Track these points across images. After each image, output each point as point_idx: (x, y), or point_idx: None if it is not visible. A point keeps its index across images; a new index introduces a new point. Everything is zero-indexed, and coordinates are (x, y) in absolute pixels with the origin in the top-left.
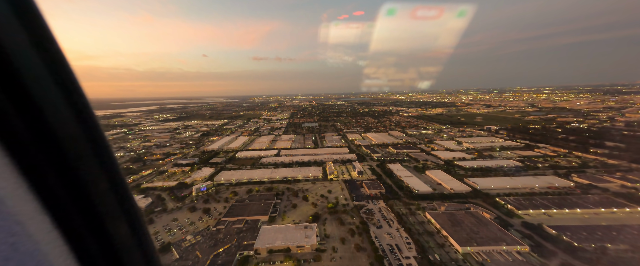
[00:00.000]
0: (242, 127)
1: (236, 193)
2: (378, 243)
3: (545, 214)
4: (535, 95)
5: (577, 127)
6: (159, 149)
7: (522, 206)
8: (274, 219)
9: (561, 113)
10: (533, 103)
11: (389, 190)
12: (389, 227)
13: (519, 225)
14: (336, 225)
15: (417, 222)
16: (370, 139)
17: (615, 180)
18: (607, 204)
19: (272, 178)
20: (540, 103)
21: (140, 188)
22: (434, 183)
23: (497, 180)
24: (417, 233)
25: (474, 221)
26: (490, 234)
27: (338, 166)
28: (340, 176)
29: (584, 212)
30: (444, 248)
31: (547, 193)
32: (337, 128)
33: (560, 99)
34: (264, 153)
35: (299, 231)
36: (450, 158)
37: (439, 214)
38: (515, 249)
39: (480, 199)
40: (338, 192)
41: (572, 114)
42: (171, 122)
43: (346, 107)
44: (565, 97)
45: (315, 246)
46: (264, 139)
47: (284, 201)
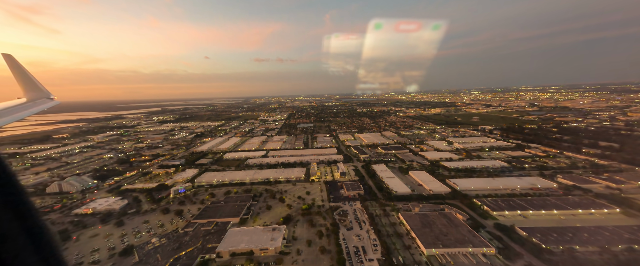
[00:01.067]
0: (237, 128)
1: (213, 195)
2: (344, 245)
3: (521, 215)
4: (539, 94)
5: (574, 127)
6: (149, 150)
7: (498, 207)
8: (245, 221)
9: (561, 113)
10: (534, 103)
11: (369, 191)
12: (359, 229)
13: (492, 227)
14: (307, 227)
15: (390, 224)
16: (362, 140)
17: (601, 181)
18: (586, 205)
19: (254, 179)
20: (542, 103)
21: (120, 190)
22: (415, 184)
23: (479, 181)
24: (387, 234)
25: (446, 223)
26: (459, 236)
27: (323, 167)
28: (322, 177)
29: (561, 213)
30: (410, 250)
31: (527, 194)
32: (331, 129)
33: (565, 98)
34: (252, 154)
35: (266, 234)
36: (436, 159)
37: (411, 216)
38: (481, 251)
39: (458, 200)
40: (317, 193)
41: (572, 114)
42: (169, 124)
43: (345, 108)
44: (569, 97)
45: (280, 249)
46: (256, 140)
47: (260, 203)
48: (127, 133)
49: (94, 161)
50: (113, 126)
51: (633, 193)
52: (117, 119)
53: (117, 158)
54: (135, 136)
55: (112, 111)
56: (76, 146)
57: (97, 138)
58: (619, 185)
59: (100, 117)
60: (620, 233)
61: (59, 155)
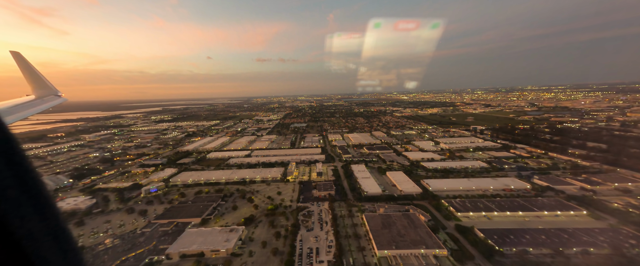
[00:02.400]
0: (230, 128)
1: (184, 194)
2: (299, 247)
3: (485, 216)
4: (543, 94)
5: (567, 128)
6: (136, 149)
7: (464, 208)
8: (207, 221)
9: (559, 113)
10: (534, 103)
11: (341, 192)
12: (320, 230)
13: (452, 228)
14: (267, 228)
15: (352, 225)
16: (350, 140)
17: (577, 182)
18: (553, 207)
19: (229, 179)
20: (544, 103)
21: (93, 189)
22: (389, 185)
23: (453, 181)
24: (346, 235)
25: (406, 224)
26: (416, 237)
27: (302, 167)
28: (299, 178)
29: (526, 215)
30: (364, 252)
31: (497, 195)
32: (323, 129)
33: (568, 98)
34: (235, 154)
35: (222, 235)
36: (418, 159)
37: (374, 217)
38: (433, 253)
39: (428, 200)
40: (289, 194)
41: (569, 114)
42: (164, 123)
43: (343, 108)
44: (573, 97)
45: (231, 251)
46: (244, 139)
47: (228, 203)
48: (120, 132)
49: (78, 160)
50: (109, 125)
51: (606, 194)
52: (117, 118)
53: (102, 157)
54: (127, 136)
55: (114, 111)
56: (66, 145)
57: (89, 137)
58: (593, 187)
59: (100, 117)
60: (580, 235)
61: (46, 154)
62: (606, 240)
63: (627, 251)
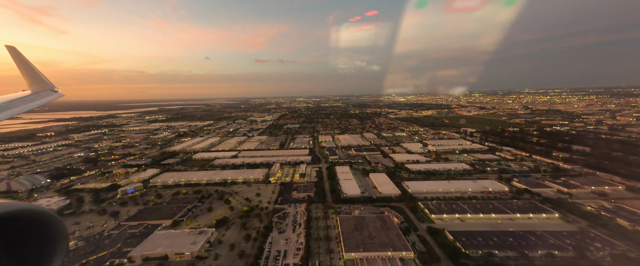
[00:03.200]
0: (222, 128)
1: (160, 196)
2: (268, 250)
3: (459, 218)
4: (539, 97)
5: (555, 131)
6: (123, 149)
7: (439, 210)
8: (178, 223)
9: (550, 116)
10: (528, 106)
11: (321, 193)
12: (292, 232)
13: (424, 230)
14: (238, 230)
15: (325, 226)
16: (340, 141)
17: (555, 185)
18: (526, 209)
19: (211, 180)
20: (537, 106)
21: (69, 189)
22: (369, 186)
23: (433, 183)
24: (317, 238)
25: (379, 226)
26: (386, 239)
27: (287, 168)
28: (282, 179)
29: (499, 217)
30: (332, 254)
31: (475, 197)
32: (315, 130)
33: (563, 101)
34: (222, 155)
35: (191, 237)
36: (403, 161)
37: (348, 219)
38: (400, 255)
39: (405, 202)
40: (268, 195)
41: (560, 117)
42: (158, 123)
43: (339, 109)
44: (567, 100)
45: (196, 254)
46: (234, 140)
47: (204, 204)
48: (110, 132)
49: (61, 160)
50: (101, 125)
51: (582, 197)
52: (110, 118)
53: (86, 157)
54: (117, 135)
55: (110, 110)
56: (52, 145)
57: (77, 137)
58: (570, 190)
59: (94, 116)
60: (547, 238)
61: (30, 153)
62: (572, 243)
63: (590, 254)
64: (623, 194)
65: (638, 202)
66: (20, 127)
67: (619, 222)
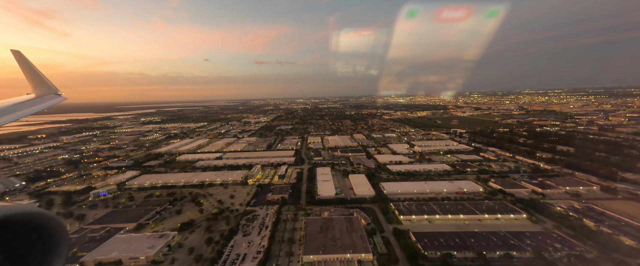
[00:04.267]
0: (215, 130)
1: (133, 198)
2: (227, 253)
3: (427, 219)
4: (537, 98)
5: (544, 131)
6: (110, 151)
7: (409, 211)
8: (143, 226)
9: (543, 117)
10: (524, 107)
11: (296, 194)
12: (257, 235)
13: (390, 231)
14: (202, 233)
15: (292, 229)
16: (329, 142)
17: (530, 186)
18: (495, 210)
19: (188, 182)
20: (534, 106)
21: (42, 192)
22: (347, 188)
23: (410, 184)
24: (281, 240)
25: (345, 228)
26: (348, 241)
27: (268, 169)
28: (261, 180)
29: (467, 218)
30: (292, 257)
31: (448, 198)
32: (307, 131)
33: (560, 101)
34: (206, 156)
35: (150, 241)
36: (386, 161)
37: (315, 221)
38: (359, 257)
39: (378, 203)
40: (242, 197)
41: (553, 118)
42: (151, 125)
43: (335, 110)
44: (565, 100)
45: (152, 258)
46: (222, 141)
47: (176, 207)
48: (101, 134)
49: (44, 162)
50: (95, 127)
51: (555, 198)
52: (106, 120)
53: (68, 159)
54: (107, 137)
55: (109, 112)
56: (39, 147)
57: (66, 139)
58: (544, 190)
59: (90, 118)
60: (508, 239)
61: (14, 155)
62: (532, 244)
63: (548, 255)
64: (596, 195)
65: (609, 202)
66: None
67: (585, 222)
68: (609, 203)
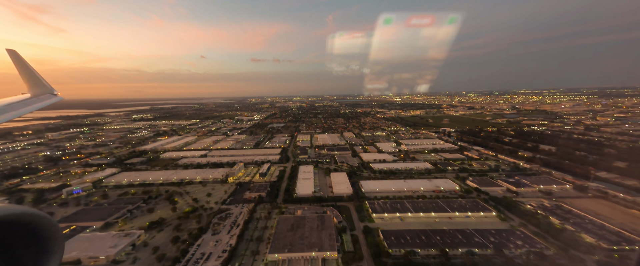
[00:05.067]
0: (205, 127)
1: (107, 196)
2: (193, 252)
3: (399, 217)
4: (531, 98)
5: (531, 131)
6: (94, 148)
7: (383, 209)
8: (111, 225)
9: (533, 116)
10: (516, 106)
11: (275, 193)
12: (226, 233)
13: (360, 229)
14: (170, 232)
15: (264, 227)
16: (318, 140)
17: (506, 184)
18: (466, 208)
19: (167, 180)
20: (526, 106)
21: (15, 190)
22: (326, 186)
23: (389, 183)
24: (250, 239)
25: (316, 226)
26: (316, 240)
27: (251, 167)
28: (242, 178)
29: (438, 216)
30: (257, 255)
31: (423, 196)
32: (298, 129)
33: (553, 101)
34: (191, 154)
35: (114, 240)
36: (370, 160)
37: (287, 219)
38: (323, 255)
39: (354, 202)
40: (219, 195)
41: (542, 117)
42: (142, 122)
43: (331, 109)
44: (558, 100)
45: (112, 258)
46: (210, 139)
47: (150, 205)
48: (89, 131)
49: (24, 159)
50: (84, 124)
51: (528, 196)
52: (98, 116)
53: (48, 156)
54: (94, 134)
55: (102, 109)
56: (22, 143)
57: (52, 135)
58: (518, 188)
59: (81, 115)
60: (473, 236)
61: None
62: (495, 241)
63: (508, 252)
64: (568, 193)
65: (579, 201)
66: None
67: (551, 220)
68: (579, 201)
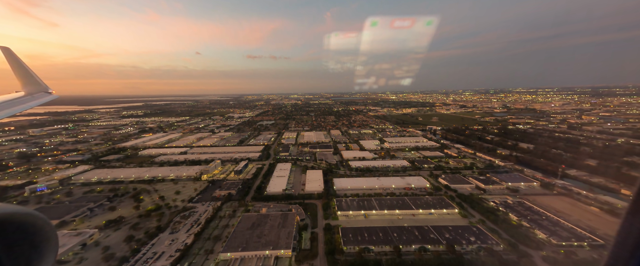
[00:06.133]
0: (194, 124)
1: (71, 194)
2: (144, 251)
3: (363, 215)
4: (525, 96)
5: (515, 129)
6: (73, 145)
7: (349, 207)
8: (67, 224)
9: (521, 115)
10: (508, 105)
11: (246, 191)
12: (185, 232)
13: (322, 227)
14: (126, 231)
15: (225, 225)
16: (303, 138)
17: (476, 182)
18: (431, 206)
19: (139, 177)
20: (517, 105)
21: None
22: (300, 183)
23: (361, 180)
24: (208, 237)
25: (277, 224)
26: (274, 238)
27: (229, 164)
28: (217, 176)
29: (402, 213)
30: (211, 255)
31: (393, 194)
32: (287, 127)
33: (545, 100)
34: (171, 151)
35: (64, 239)
36: (350, 158)
37: (249, 217)
38: (277, 253)
39: (322, 199)
40: (188, 193)
41: (529, 116)
42: (131, 119)
43: (324, 106)
44: (550, 99)
45: (57, 257)
46: (194, 136)
47: (114, 203)
48: (72, 128)
49: None
50: (70, 120)
51: (494, 193)
52: (87, 113)
53: (22, 153)
54: (77, 131)
55: (95, 105)
56: (1, 140)
57: (33, 132)
58: (487, 186)
59: (70, 111)
60: (429, 232)
61: None
62: (449, 237)
63: (460, 248)
64: (535, 191)
65: (542, 198)
66: None
67: (509, 217)
68: (543, 198)
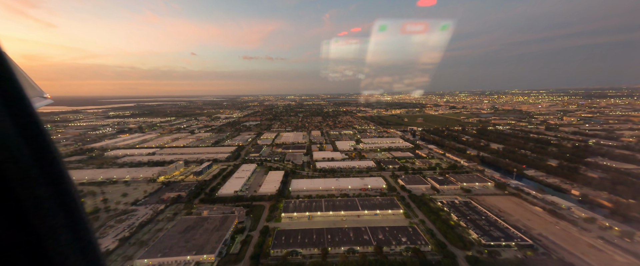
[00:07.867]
0: (176, 124)
1: None
2: None
3: (308, 216)
4: (517, 98)
5: (494, 130)
6: None
7: (296, 208)
8: None
9: (505, 116)
10: (496, 106)
11: (198, 192)
12: (112, 237)
13: (259, 229)
14: None
15: (159, 229)
16: (282, 138)
17: (433, 182)
18: (378, 206)
19: (93, 179)
20: (506, 106)
21: None
22: (257, 185)
23: (319, 181)
24: (134, 243)
25: (212, 227)
26: (203, 242)
27: (193, 165)
28: (176, 177)
29: (346, 214)
30: (129, 261)
31: (346, 195)
32: (269, 127)
33: (535, 102)
34: (139, 151)
35: None
36: (319, 158)
37: (186, 220)
38: (199, 258)
39: (272, 200)
40: (137, 195)
41: (512, 117)
42: (116, 119)
43: (316, 107)
44: (539, 100)
45: None
46: (170, 137)
47: None
48: (49, 128)
49: None
50: (52, 121)
51: (447, 194)
52: (72, 114)
53: None
54: (53, 131)
55: (87, 106)
56: None
57: None
58: (442, 186)
59: (56, 112)
60: (363, 234)
61: None
62: (382, 238)
63: (388, 249)
64: (487, 191)
65: (492, 198)
66: None
67: (450, 217)
68: (492, 198)
